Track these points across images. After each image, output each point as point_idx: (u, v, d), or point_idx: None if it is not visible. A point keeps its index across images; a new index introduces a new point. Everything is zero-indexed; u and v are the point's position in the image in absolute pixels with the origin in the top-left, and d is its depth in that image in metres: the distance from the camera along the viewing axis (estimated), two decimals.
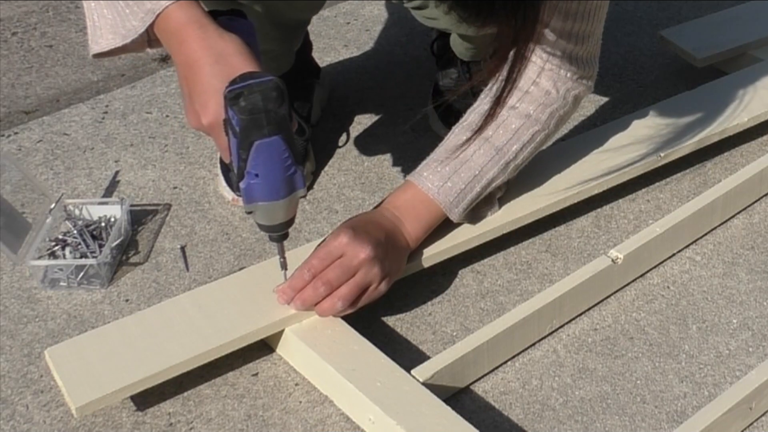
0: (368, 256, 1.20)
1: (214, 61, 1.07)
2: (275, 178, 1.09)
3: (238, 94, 1.04)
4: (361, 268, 1.20)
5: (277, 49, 1.50)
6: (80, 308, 1.33)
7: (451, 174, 1.30)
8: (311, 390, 1.21)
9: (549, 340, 1.28)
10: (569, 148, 1.51)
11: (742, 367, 1.25)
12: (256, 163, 1.07)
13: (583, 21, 1.27)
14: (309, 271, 1.20)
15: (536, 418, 1.18)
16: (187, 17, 1.08)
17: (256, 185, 1.09)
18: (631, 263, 1.35)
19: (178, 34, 1.09)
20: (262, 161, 1.07)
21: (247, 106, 1.04)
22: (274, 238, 1.18)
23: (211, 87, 1.07)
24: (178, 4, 1.08)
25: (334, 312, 1.20)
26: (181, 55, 1.09)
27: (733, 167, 1.58)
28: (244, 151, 1.06)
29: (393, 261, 1.25)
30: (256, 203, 1.11)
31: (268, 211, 1.12)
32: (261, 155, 1.06)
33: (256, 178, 1.08)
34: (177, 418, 1.17)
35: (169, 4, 1.08)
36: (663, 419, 1.18)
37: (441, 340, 1.28)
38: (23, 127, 1.69)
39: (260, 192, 1.10)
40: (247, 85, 1.05)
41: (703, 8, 2.00)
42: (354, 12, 2.04)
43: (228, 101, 1.05)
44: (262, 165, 1.07)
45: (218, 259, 1.41)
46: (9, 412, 1.18)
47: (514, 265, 1.40)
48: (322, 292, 1.19)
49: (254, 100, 1.04)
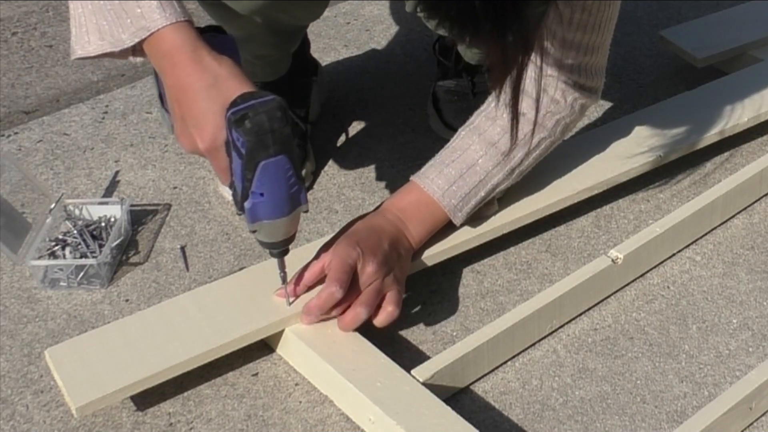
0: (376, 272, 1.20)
1: (209, 85, 1.07)
2: (280, 197, 1.09)
3: (243, 115, 1.03)
4: (374, 283, 1.21)
5: (274, 55, 1.50)
6: (80, 308, 1.33)
7: (456, 178, 1.30)
8: (311, 390, 1.21)
9: (549, 340, 1.28)
10: (569, 149, 1.50)
11: (742, 367, 1.25)
12: (261, 183, 1.06)
13: (592, 33, 1.28)
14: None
15: (536, 418, 1.18)
16: (182, 40, 1.07)
17: (261, 204, 1.08)
18: (631, 263, 1.35)
19: (170, 56, 1.07)
20: (268, 181, 1.06)
21: (253, 128, 1.03)
22: (275, 254, 1.18)
23: (208, 110, 1.06)
24: (173, 26, 1.07)
25: (358, 322, 1.20)
26: (173, 78, 1.08)
27: (733, 167, 1.58)
28: (249, 171, 1.06)
29: (398, 267, 1.25)
30: (260, 222, 1.10)
31: (272, 229, 1.12)
32: (267, 175, 1.06)
33: (261, 198, 1.08)
34: (177, 418, 1.17)
35: (164, 25, 1.06)
36: (663, 419, 1.18)
37: (441, 340, 1.28)
38: (23, 127, 1.69)
39: (265, 211, 1.09)
40: (251, 105, 1.04)
41: (703, 8, 2.00)
42: (354, 12, 2.04)
43: (232, 123, 1.04)
44: (267, 184, 1.07)
45: (218, 259, 1.41)
46: (9, 412, 1.18)
47: (514, 265, 1.40)
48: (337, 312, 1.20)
49: (260, 120, 1.03)
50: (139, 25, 1.07)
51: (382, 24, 1.99)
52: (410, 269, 1.29)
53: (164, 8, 1.07)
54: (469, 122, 1.35)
